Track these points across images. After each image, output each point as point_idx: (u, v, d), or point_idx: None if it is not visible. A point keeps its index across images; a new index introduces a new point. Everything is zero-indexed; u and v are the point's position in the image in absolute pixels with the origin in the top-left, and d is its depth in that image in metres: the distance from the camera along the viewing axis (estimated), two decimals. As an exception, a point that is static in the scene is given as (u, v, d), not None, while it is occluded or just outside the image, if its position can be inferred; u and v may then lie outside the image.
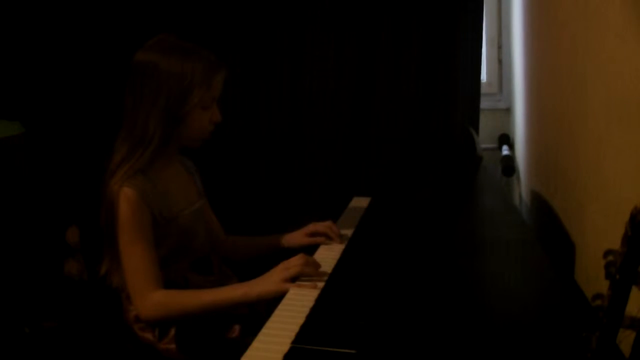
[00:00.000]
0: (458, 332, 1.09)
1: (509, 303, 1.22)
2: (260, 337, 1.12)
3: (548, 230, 1.85)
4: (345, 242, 1.66)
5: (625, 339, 0.63)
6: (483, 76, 2.79)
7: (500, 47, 2.87)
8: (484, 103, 2.67)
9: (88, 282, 2.21)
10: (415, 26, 2.50)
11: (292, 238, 1.73)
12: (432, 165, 2.44)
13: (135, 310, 1.45)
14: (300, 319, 1.17)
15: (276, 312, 1.23)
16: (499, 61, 2.88)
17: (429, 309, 1.19)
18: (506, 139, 2.78)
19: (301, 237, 1.71)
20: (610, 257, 0.62)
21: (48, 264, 2.28)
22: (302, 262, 1.38)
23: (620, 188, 1.20)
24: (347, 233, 1.73)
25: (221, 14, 2.53)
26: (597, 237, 1.36)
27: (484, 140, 2.69)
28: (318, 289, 1.32)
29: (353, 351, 1.03)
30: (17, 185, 2.30)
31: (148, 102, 1.44)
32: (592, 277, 1.38)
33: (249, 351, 1.07)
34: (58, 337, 2.09)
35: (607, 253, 0.62)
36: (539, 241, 1.56)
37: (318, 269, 1.42)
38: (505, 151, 2.69)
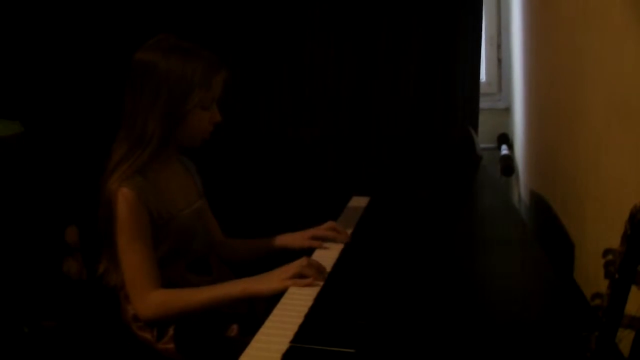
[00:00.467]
0: (457, 332, 1.09)
1: (508, 302, 1.22)
2: (258, 337, 1.12)
3: (547, 229, 1.85)
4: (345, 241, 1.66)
5: (624, 338, 0.63)
6: (482, 76, 2.79)
7: (499, 47, 2.87)
8: (483, 103, 2.67)
9: (87, 282, 2.21)
10: (414, 26, 2.50)
11: (293, 240, 1.71)
12: (432, 164, 2.44)
13: (134, 310, 1.45)
14: (299, 318, 1.17)
15: (275, 312, 1.23)
16: (499, 61, 2.88)
17: (428, 309, 1.19)
18: (505, 139, 2.78)
19: (302, 240, 1.70)
20: (609, 256, 0.62)
21: (47, 264, 2.28)
22: (304, 264, 1.38)
23: (619, 187, 1.20)
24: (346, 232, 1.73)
25: (221, 14, 2.53)
26: (596, 236, 1.36)
27: (483, 139, 2.69)
28: (317, 287, 1.32)
29: (352, 350, 1.03)
30: (16, 184, 2.29)
31: (147, 102, 1.44)
32: (592, 277, 1.38)
33: (248, 350, 1.07)
34: (57, 337, 2.09)
35: (607, 252, 0.62)
36: (538, 240, 1.56)
37: (322, 272, 1.40)
38: (504, 151, 2.69)
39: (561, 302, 1.21)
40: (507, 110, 2.85)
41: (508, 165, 2.59)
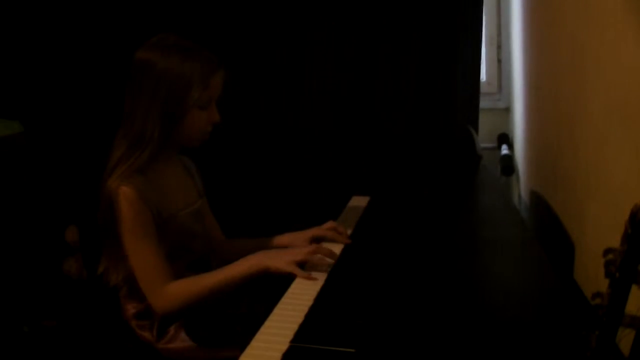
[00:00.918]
0: (457, 331, 1.09)
1: (508, 302, 1.22)
2: (258, 337, 1.12)
3: (547, 229, 1.85)
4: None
5: (624, 338, 0.63)
6: (482, 75, 2.79)
7: (499, 47, 2.87)
8: (484, 102, 2.68)
9: (87, 281, 2.21)
10: (415, 26, 2.50)
11: (293, 240, 1.71)
12: (432, 164, 2.44)
13: (153, 306, 1.44)
14: (299, 318, 1.17)
15: (275, 311, 1.23)
16: (499, 61, 2.88)
17: (428, 308, 1.19)
18: (505, 139, 2.78)
19: (302, 240, 1.69)
20: (610, 256, 0.61)
21: (47, 263, 2.29)
22: (314, 250, 1.42)
23: (619, 187, 1.20)
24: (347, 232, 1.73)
25: (221, 14, 2.53)
26: (597, 236, 1.36)
27: (483, 139, 2.69)
28: (317, 287, 1.32)
29: (352, 350, 1.03)
30: (17, 184, 2.29)
31: (146, 101, 1.44)
32: (592, 276, 1.38)
33: (248, 350, 1.07)
34: (57, 336, 2.09)
35: (607, 251, 0.62)
36: (538, 240, 1.56)
37: (333, 256, 1.45)
38: (504, 150, 2.69)
39: (561, 302, 1.21)
40: (507, 110, 2.85)
41: (508, 165, 2.59)
